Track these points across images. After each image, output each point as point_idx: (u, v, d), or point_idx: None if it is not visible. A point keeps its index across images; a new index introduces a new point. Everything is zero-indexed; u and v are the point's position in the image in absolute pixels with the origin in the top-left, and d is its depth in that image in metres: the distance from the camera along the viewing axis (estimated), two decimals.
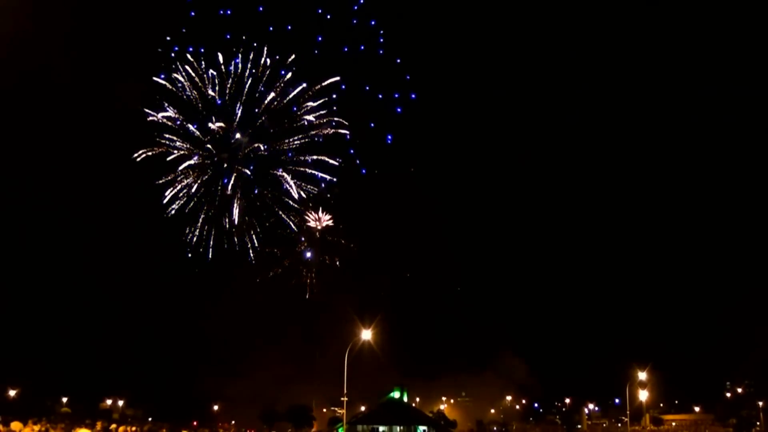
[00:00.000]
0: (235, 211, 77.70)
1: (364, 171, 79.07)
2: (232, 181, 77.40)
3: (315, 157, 77.97)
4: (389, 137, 79.25)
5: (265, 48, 75.64)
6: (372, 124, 78.99)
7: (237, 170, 77.53)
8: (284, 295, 78.80)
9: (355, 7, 79.38)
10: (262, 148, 77.39)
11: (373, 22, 79.57)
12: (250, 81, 76.14)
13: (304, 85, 76.59)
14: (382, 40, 78.84)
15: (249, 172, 78.06)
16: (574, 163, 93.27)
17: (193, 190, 76.93)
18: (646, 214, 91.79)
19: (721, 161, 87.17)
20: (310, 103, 77.15)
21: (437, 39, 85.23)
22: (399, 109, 79.44)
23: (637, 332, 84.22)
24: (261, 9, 77.66)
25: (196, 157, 77.08)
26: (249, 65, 75.91)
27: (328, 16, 78.96)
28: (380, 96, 78.93)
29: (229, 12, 76.89)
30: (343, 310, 60.94)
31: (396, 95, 79.54)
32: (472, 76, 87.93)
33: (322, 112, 77.34)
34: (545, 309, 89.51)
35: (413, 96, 79.69)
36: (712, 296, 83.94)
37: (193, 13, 76.11)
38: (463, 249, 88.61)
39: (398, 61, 79.36)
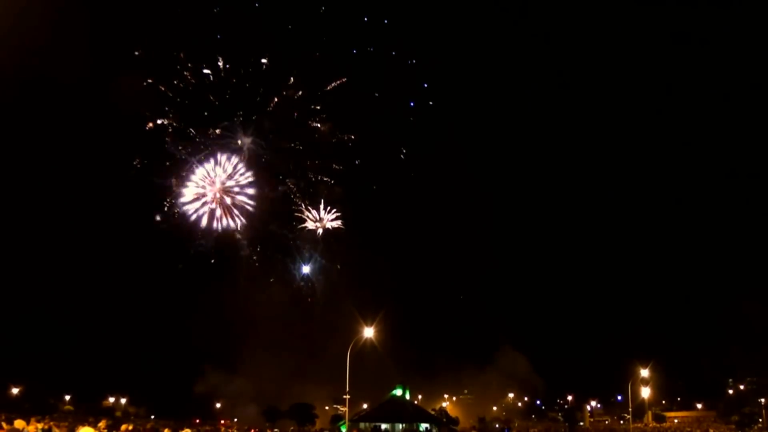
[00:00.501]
0: (237, 215, 77.34)
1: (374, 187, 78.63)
2: (232, 188, 76.88)
3: (318, 162, 77.46)
4: (403, 152, 78.33)
5: (265, 50, 74.93)
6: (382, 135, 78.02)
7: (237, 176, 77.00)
8: (286, 293, 78.84)
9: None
10: (264, 158, 76.75)
11: (385, 21, 78.00)
12: (249, 84, 75.55)
13: (307, 88, 75.82)
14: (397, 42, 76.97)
15: (250, 177, 77.54)
16: (578, 161, 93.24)
17: (193, 194, 76.64)
18: (649, 210, 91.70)
19: (724, 159, 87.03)
20: (314, 108, 76.49)
21: (448, 40, 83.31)
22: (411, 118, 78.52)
23: (640, 329, 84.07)
24: (257, 5, 75.94)
25: (196, 163, 76.70)
26: (249, 68, 75.18)
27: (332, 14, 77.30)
28: (391, 102, 77.83)
29: (225, 10, 75.27)
30: (346, 308, 61.00)
31: (411, 104, 78.39)
32: (473, 78, 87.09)
33: (323, 115, 76.77)
34: (547, 306, 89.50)
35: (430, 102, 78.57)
36: (715, 293, 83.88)
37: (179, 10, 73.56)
38: (465, 247, 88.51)
39: (412, 62, 77.76)
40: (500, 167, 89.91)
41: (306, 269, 79.09)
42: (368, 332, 42.71)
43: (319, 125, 76.77)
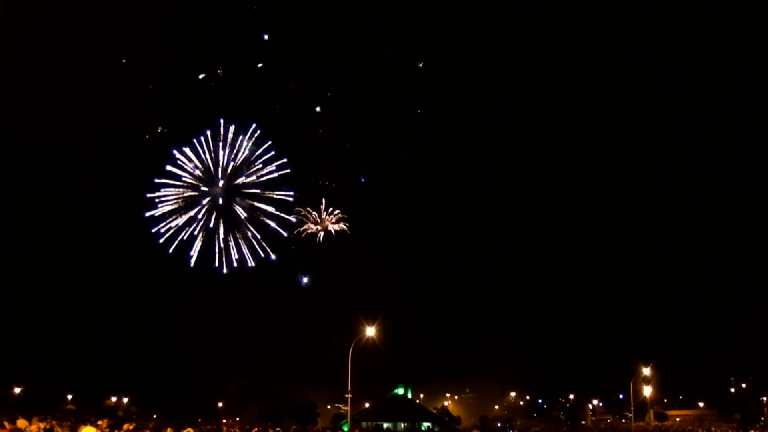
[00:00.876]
0: (237, 219, 77.26)
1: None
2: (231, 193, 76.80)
3: (319, 165, 77.43)
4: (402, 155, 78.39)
5: (265, 53, 74.80)
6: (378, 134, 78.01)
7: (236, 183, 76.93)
8: (288, 294, 78.93)
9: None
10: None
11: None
12: (249, 88, 75.40)
13: (307, 92, 75.67)
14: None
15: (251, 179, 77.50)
16: (580, 163, 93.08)
17: (191, 193, 76.52)
18: (651, 209, 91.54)
19: (722, 159, 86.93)
20: (314, 111, 76.31)
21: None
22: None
23: (641, 328, 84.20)
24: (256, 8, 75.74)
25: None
26: (249, 72, 74.97)
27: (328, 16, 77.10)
28: (391, 105, 77.68)
29: (225, 13, 74.80)
30: (348, 307, 61.08)
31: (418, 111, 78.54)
32: (473, 80, 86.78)
33: (324, 119, 76.70)
34: (549, 305, 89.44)
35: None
36: (717, 291, 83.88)
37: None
38: (467, 247, 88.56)
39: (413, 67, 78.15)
40: (503, 168, 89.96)
41: (308, 271, 79.41)
42: (370, 331, 42.67)
43: (320, 129, 76.98)
